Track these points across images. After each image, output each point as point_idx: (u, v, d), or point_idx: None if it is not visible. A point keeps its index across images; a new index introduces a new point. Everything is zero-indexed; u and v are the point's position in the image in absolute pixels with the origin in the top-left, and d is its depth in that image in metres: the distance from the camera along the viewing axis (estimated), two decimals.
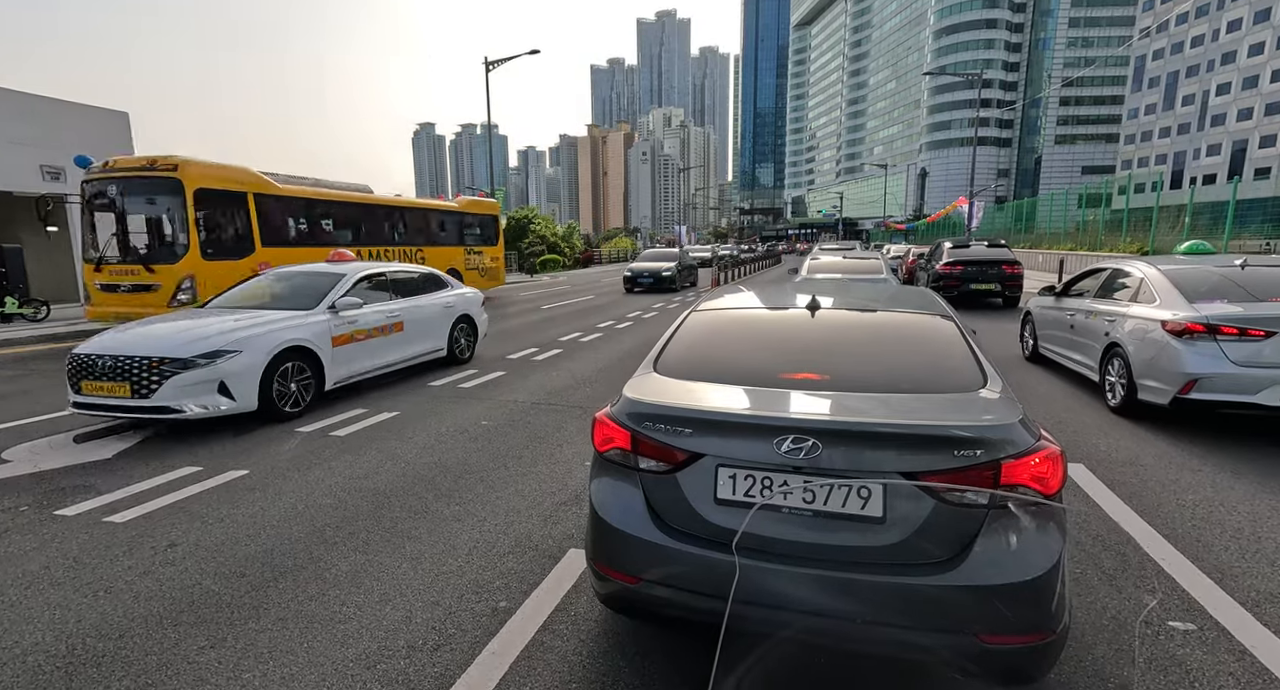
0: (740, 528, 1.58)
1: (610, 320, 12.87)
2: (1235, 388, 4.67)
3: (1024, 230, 31.43)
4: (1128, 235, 20.64)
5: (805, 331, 2.67)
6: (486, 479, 4.20)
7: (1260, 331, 4.65)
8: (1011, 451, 1.83)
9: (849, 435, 1.91)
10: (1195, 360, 4.81)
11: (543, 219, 49.86)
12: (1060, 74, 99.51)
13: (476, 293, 8.86)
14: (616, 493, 2.15)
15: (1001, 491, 1.81)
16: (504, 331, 11.46)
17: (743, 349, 2.65)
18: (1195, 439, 4.86)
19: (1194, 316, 4.92)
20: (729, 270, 25.63)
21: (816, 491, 1.89)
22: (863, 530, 1.85)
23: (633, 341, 10.14)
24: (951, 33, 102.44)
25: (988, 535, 1.80)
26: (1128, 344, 5.54)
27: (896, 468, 1.85)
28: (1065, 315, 7.09)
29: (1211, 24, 71.55)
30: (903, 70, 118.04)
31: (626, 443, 2.15)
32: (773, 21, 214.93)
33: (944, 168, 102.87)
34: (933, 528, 1.81)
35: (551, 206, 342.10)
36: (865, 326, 2.78)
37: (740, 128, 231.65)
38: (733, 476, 1.96)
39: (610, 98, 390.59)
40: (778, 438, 1.92)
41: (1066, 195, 27.19)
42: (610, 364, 8.27)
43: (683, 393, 2.23)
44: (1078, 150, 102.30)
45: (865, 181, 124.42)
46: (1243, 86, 68.41)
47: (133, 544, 3.30)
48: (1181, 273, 5.55)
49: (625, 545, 2.05)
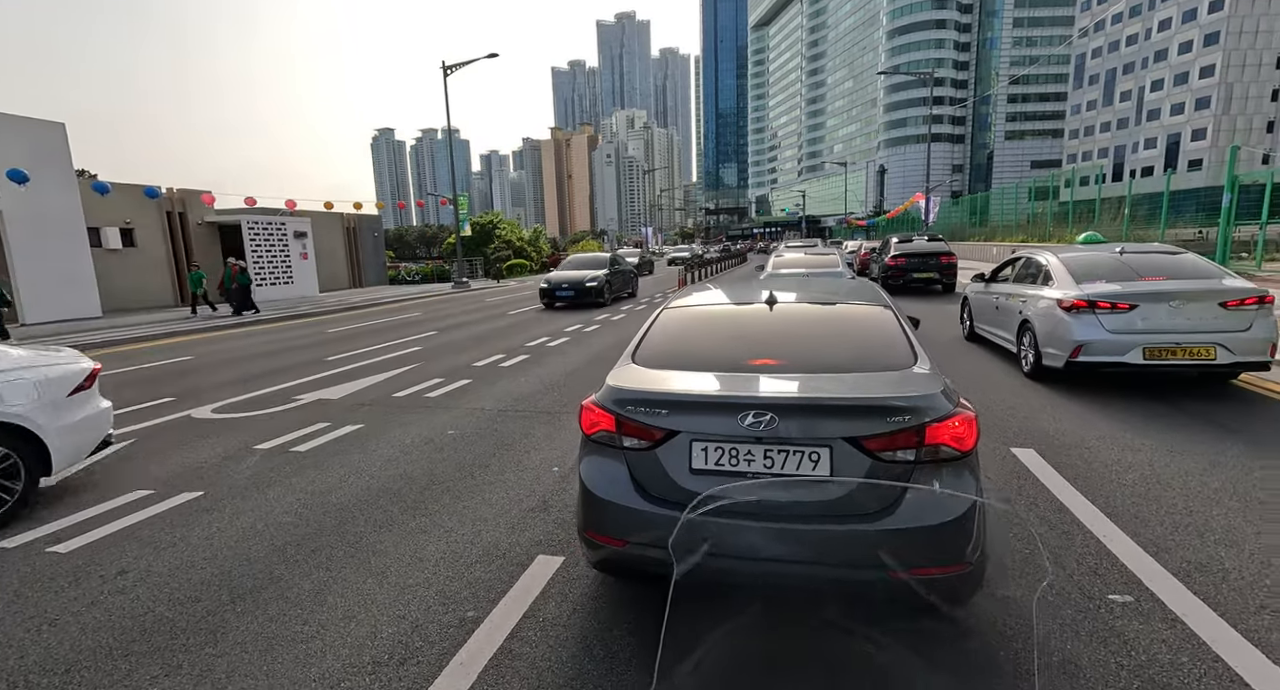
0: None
1: (579, 324, 12.85)
2: (1110, 350, 5.71)
3: (979, 224, 32.43)
4: (1073, 226, 21.52)
5: (764, 323, 2.98)
6: (453, 489, 4.17)
7: (1126, 305, 5.73)
8: (933, 416, 2.17)
9: (801, 408, 2.23)
10: (1080, 330, 5.85)
11: (508, 224, 49.25)
12: (1007, 72, 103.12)
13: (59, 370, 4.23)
14: (604, 469, 2.43)
15: (925, 449, 2.15)
16: (472, 337, 11.35)
17: (709, 340, 2.93)
18: (1136, 421, 5.12)
19: (1079, 294, 5.97)
20: (695, 270, 25.79)
21: (775, 458, 2.21)
22: (814, 489, 2.17)
23: (601, 344, 10.15)
24: (904, 33, 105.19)
25: (918, 483, 2.14)
26: (1035, 320, 6.57)
27: (841, 434, 2.17)
28: (992, 298, 8.11)
29: (1144, 23, 75.12)
30: (859, 69, 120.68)
31: (611, 425, 2.42)
32: (731, 23, 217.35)
33: (901, 164, 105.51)
34: (871, 482, 2.13)
35: (517, 210, 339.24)
36: (816, 317, 3.16)
37: (703, 128, 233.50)
38: (705, 449, 2.27)
39: (572, 100, 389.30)
40: (741, 413, 2.22)
41: (1017, 189, 28.36)
42: (579, 367, 8.27)
43: (659, 380, 2.53)
44: (1027, 145, 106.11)
45: (827, 179, 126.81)
46: (1174, 83, 71.99)
47: (79, 574, 3.17)
48: (1074, 259, 6.61)
49: (613, 514, 2.34)
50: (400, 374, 8.24)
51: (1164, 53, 72.54)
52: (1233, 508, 3.46)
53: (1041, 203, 26.28)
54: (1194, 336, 5.53)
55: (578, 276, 16.17)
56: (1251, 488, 3.71)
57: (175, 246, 17.45)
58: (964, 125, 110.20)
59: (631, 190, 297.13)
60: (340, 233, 23.74)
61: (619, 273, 17.55)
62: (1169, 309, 5.64)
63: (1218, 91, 67.37)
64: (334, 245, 23.23)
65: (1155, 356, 5.58)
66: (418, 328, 13.55)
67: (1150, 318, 5.66)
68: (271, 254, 18.82)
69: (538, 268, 44.32)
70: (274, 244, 18.82)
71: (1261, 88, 67.17)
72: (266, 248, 18.62)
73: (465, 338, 11.54)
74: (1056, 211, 24.93)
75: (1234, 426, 4.88)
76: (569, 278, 16.24)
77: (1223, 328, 5.52)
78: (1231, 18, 65.40)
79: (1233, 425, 4.92)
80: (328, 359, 9.75)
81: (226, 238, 18.59)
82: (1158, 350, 5.58)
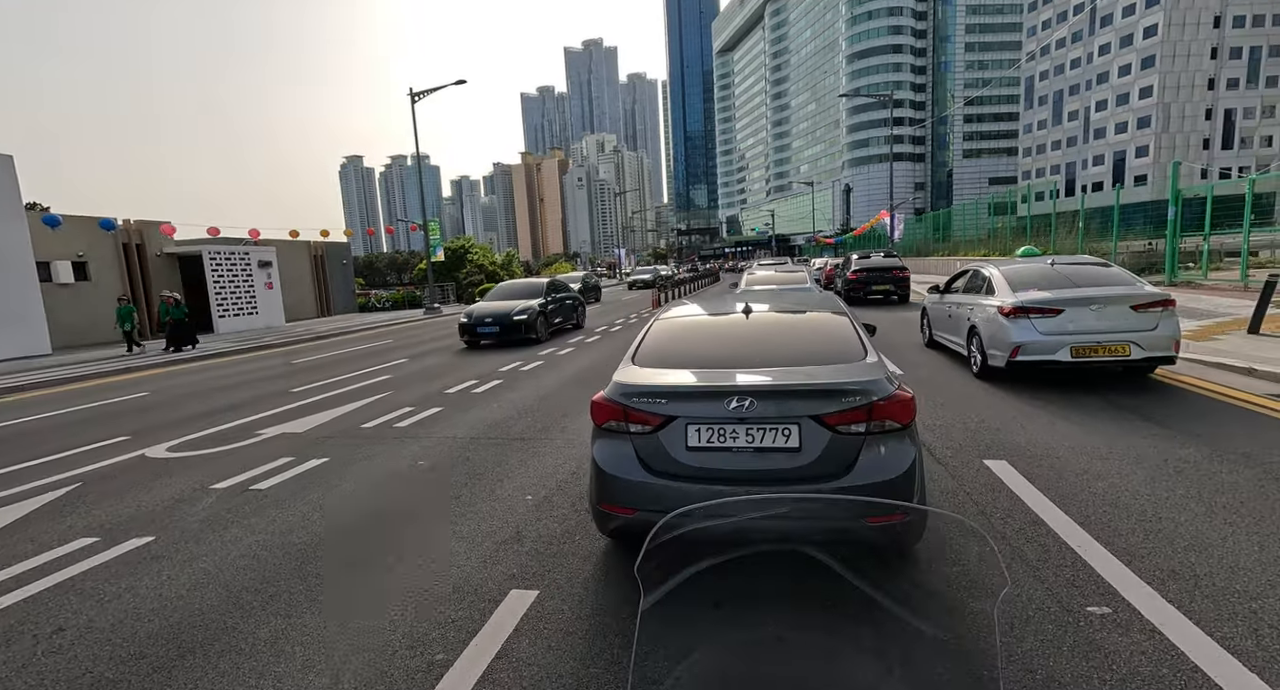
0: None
1: (551, 348, 12.74)
2: (1043, 350, 6.40)
3: (942, 239, 33.49)
4: (1031, 239, 22.30)
5: (742, 329, 3.52)
6: (422, 523, 4.01)
7: (1054, 310, 6.45)
8: (878, 397, 2.66)
9: (775, 393, 2.72)
10: (1018, 333, 6.55)
11: (480, 248, 49.01)
12: (962, 94, 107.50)
13: None
14: (614, 451, 2.85)
15: (876, 420, 2.64)
16: (443, 365, 11.15)
17: (697, 344, 3.42)
18: (1102, 430, 5.22)
19: (1015, 302, 6.68)
20: (668, 291, 25.84)
21: (755, 434, 2.66)
22: (786, 457, 2.64)
23: (575, 368, 10.06)
24: (863, 57, 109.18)
25: (867, 451, 2.64)
26: (980, 325, 7.29)
27: (807, 412, 2.65)
28: (946, 308, 8.81)
29: (1085, 48, 79.30)
30: (821, 92, 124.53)
31: (620, 415, 2.85)
32: (696, 48, 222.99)
33: (866, 183, 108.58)
34: (831, 450, 2.62)
35: (489, 235, 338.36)
36: (786, 323, 3.71)
37: (672, 151, 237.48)
38: (698, 430, 2.72)
39: (542, 125, 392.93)
40: (727, 399, 2.69)
41: (977, 205, 29.60)
42: (546, 396, 8.15)
43: (657, 376, 2.98)
44: (984, 163, 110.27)
45: (795, 198, 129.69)
46: (1117, 103, 75.86)
47: (10, 634, 2.94)
48: (1012, 271, 7.38)
49: (624, 487, 2.77)
50: (369, 404, 8.02)
51: (1105, 75, 76.55)
52: (1199, 513, 3.51)
53: (1001, 218, 27.40)
54: (1112, 336, 6.25)
55: (503, 308, 13.30)
56: (1214, 493, 3.79)
57: (132, 279, 16.89)
58: (924, 144, 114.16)
59: (604, 212, 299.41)
60: (307, 261, 23.29)
61: (558, 302, 15.06)
62: (1091, 312, 6.36)
63: (1157, 111, 71.14)
64: (300, 274, 22.76)
65: (1081, 354, 6.29)
66: (384, 356, 13.28)
67: (1076, 320, 6.37)
68: (235, 284, 18.33)
69: None
70: (237, 274, 18.35)
71: (1196, 108, 71.16)
72: (230, 278, 18.14)
73: (438, 365, 11.34)
74: (1015, 226, 25.88)
75: (1158, 417, 5.38)
76: (493, 311, 13.25)
77: (1135, 327, 6.25)
78: (1164, 42, 69.45)
79: (1157, 415, 5.47)
80: (292, 391, 9.45)
81: (187, 269, 18.08)
82: (1083, 348, 6.28)
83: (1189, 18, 68.81)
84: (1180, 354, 6.64)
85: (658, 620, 1.32)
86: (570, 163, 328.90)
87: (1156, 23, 69.42)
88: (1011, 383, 6.95)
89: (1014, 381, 6.98)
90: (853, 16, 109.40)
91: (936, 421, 5.60)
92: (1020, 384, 6.88)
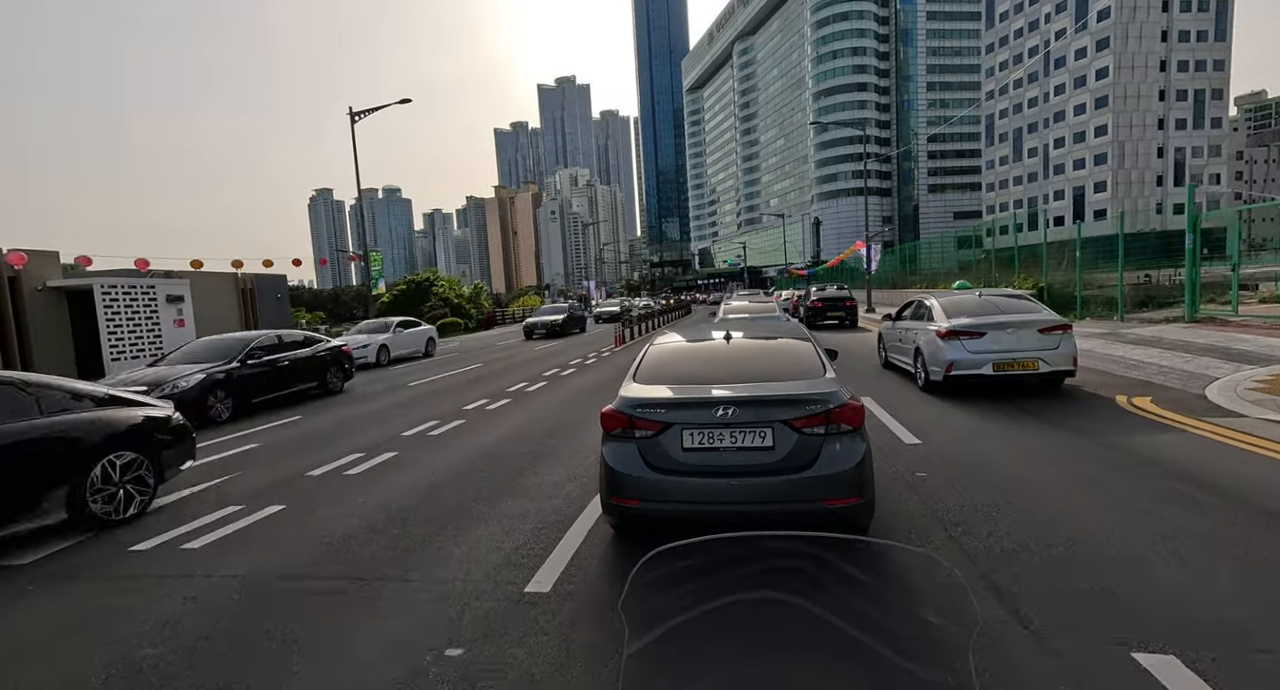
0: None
1: (485, 398, 10.64)
2: (971, 365, 7.67)
3: (912, 272, 33.27)
4: (1019, 272, 21.35)
5: (724, 352, 4.47)
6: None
7: (979, 333, 7.72)
8: (834, 404, 3.52)
9: (752, 403, 3.55)
10: (951, 352, 7.83)
11: (446, 281, 47.21)
12: (924, 131, 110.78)
13: None
14: (621, 452, 3.64)
15: (833, 424, 3.51)
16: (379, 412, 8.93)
17: (687, 364, 4.28)
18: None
19: (948, 326, 7.98)
20: (634, 326, 23.58)
21: (737, 436, 3.50)
22: (762, 455, 3.48)
23: (512, 424, 7.98)
24: (829, 95, 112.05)
25: (826, 448, 3.47)
26: (923, 346, 8.55)
27: (778, 418, 3.49)
28: (897, 333, 10.02)
29: (1042, 88, 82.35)
30: (789, 128, 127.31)
31: (626, 423, 3.66)
32: (666, 86, 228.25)
33: (835, 216, 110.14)
34: (797, 448, 3.46)
35: (462, 268, 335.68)
36: (759, 347, 4.61)
37: (644, 185, 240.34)
38: (691, 434, 3.54)
39: (516, 160, 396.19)
40: (714, 408, 3.55)
41: (944, 239, 30.55)
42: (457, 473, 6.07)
43: (655, 391, 3.81)
44: (949, 197, 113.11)
45: (765, 231, 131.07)
46: (1074, 140, 78.51)
47: None
48: (948, 301, 8.79)
49: (630, 482, 3.56)
50: None
51: (1062, 114, 79.35)
52: None
53: (968, 250, 28.71)
54: (1024, 353, 7.53)
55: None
56: None
57: (4, 317, 14.36)
58: (890, 179, 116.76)
59: (577, 245, 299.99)
60: (233, 295, 20.79)
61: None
62: (1008, 334, 7.61)
63: (1112, 149, 73.66)
64: (225, 309, 20.23)
65: (1001, 368, 7.56)
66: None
67: (997, 341, 7.63)
68: (135, 322, 15.84)
69: (474, 325, 41.94)
70: (138, 311, 15.91)
71: (1149, 145, 73.94)
72: (129, 315, 15.65)
73: (301, 436, 9.13)
74: (979, 259, 25.79)
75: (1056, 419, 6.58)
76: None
77: (1042, 347, 7.53)
78: (1116, 84, 72.39)
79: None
80: None
81: (77, 305, 15.61)
82: (1003, 364, 7.56)
83: (1137, 61, 72.01)
84: (1259, 415, 6.04)
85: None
86: (544, 196, 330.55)
87: (1108, 65, 72.41)
88: (948, 394, 8.12)
89: (950, 393, 8.13)
90: (818, 56, 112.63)
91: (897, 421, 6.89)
92: (955, 395, 8.06)
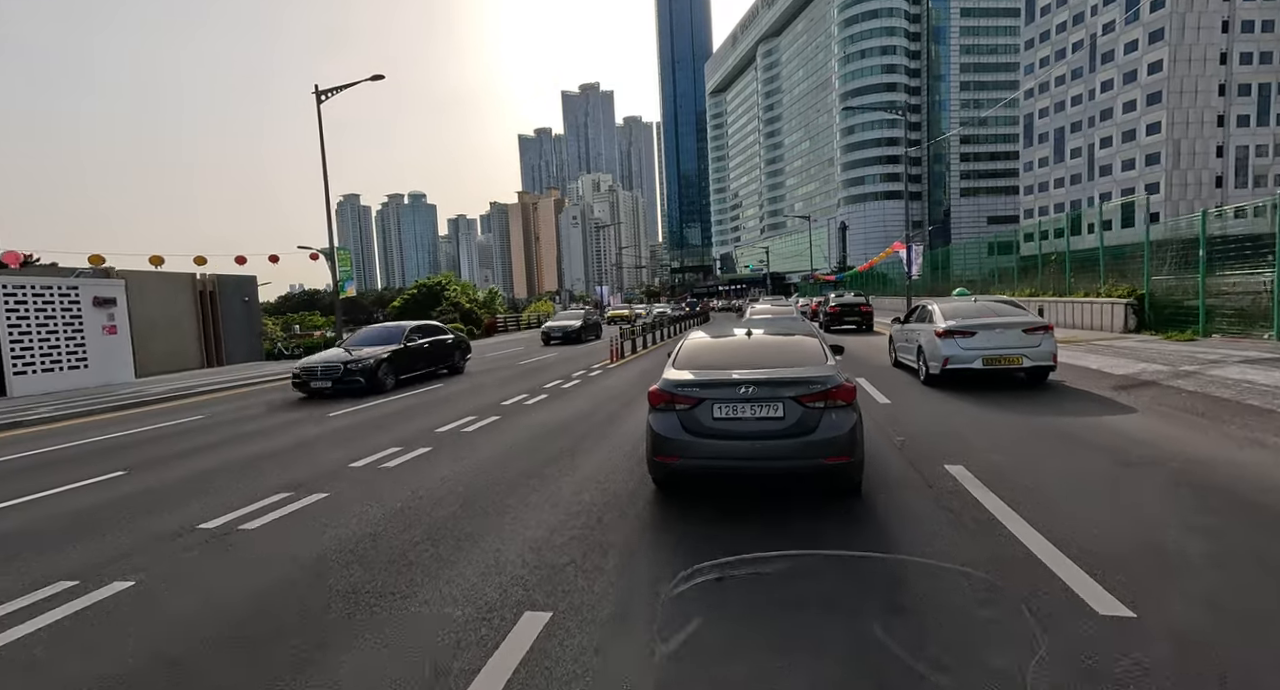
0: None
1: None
2: (964, 360, 9.39)
3: (943, 279, 31.56)
4: (1071, 277, 18.25)
5: (745, 345, 5.62)
6: None
7: (970, 332, 9.44)
8: (833, 385, 4.53)
9: (769, 383, 4.55)
10: (947, 349, 9.54)
11: (460, 285, 45.27)
12: (958, 131, 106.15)
13: None
14: (665, 421, 4.64)
15: (830, 400, 4.49)
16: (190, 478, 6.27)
17: (715, 354, 5.39)
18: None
19: (945, 326, 9.70)
20: (634, 339, 18.73)
21: (756, 409, 4.50)
22: (775, 423, 4.47)
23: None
24: (856, 95, 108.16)
25: (825, 418, 4.45)
26: (924, 345, 10.32)
27: (788, 395, 4.49)
28: (904, 334, 11.76)
29: (1087, 85, 77.59)
30: (814, 130, 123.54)
31: (668, 398, 4.67)
32: (689, 90, 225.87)
33: (862, 221, 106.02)
34: (803, 418, 4.44)
35: (485, 272, 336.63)
36: (775, 341, 5.75)
37: (666, 190, 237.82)
38: (720, 407, 4.54)
39: (539, 166, 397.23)
40: (738, 387, 4.56)
41: (978, 244, 30.34)
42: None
43: (691, 374, 4.85)
44: (982, 201, 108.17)
45: (789, 236, 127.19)
46: (1122, 140, 73.56)
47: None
48: (947, 305, 10.58)
49: (671, 443, 4.55)
50: None
51: (1109, 111, 74.52)
52: None
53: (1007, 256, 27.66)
54: (1010, 350, 9.16)
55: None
56: None
57: None
58: (920, 183, 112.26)
59: (599, 250, 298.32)
60: (189, 298, 18.49)
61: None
62: (996, 334, 9.27)
63: (1166, 148, 68.70)
64: (177, 314, 17.94)
65: (990, 363, 9.20)
66: (114, 459, 8.37)
67: (986, 340, 9.28)
68: (49, 329, 13.54)
69: (480, 333, 39.45)
70: (53, 316, 13.62)
71: (1206, 144, 68.80)
72: (39, 321, 13.36)
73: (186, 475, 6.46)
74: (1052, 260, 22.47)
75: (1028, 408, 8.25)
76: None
77: (1025, 344, 9.16)
78: (1171, 78, 67.52)
79: None
80: None
81: None
82: (991, 359, 9.20)
83: (1194, 53, 67.10)
84: None
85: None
86: (566, 202, 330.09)
87: (1161, 58, 67.64)
88: (946, 386, 9.62)
89: (947, 385, 9.65)
90: (845, 56, 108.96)
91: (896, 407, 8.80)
92: (951, 386, 9.56)
